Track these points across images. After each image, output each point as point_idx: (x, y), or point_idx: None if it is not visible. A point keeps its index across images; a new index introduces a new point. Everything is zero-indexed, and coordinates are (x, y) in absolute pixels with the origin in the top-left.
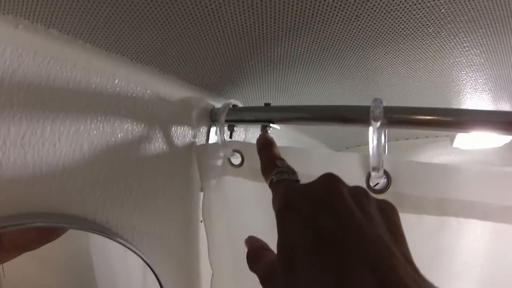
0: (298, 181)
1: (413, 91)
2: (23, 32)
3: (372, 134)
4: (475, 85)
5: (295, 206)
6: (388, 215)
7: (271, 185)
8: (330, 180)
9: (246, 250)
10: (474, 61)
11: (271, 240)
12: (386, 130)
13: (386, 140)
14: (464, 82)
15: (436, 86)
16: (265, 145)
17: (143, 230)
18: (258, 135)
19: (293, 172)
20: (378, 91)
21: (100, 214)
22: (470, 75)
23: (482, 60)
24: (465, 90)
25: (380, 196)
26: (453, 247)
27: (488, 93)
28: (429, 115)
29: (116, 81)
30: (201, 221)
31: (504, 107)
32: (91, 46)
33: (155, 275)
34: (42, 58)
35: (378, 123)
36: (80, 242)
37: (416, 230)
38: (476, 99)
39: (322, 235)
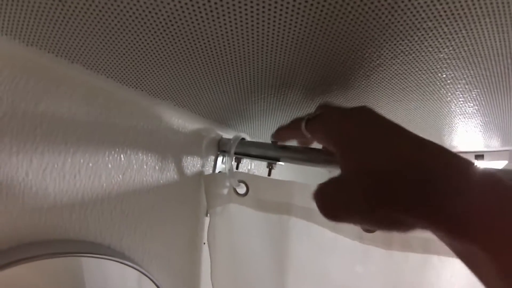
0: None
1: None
2: (47, 65)
3: None
4: (466, 128)
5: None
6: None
7: (307, 125)
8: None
9: (247, 272)
10: (467, 110)
11: (271, 264)
12: None
13: None
14: (456, 126)
15: (429, 128)
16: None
17: (152, 253)
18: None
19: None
20: None
21: (114, 240)
22: (462, 121)
23: (475, 110)
24: (457, 131)
25: (371, 235)
26: None
27: (479, 134)
28: None
29: (134, 114)
30: (204, 243)
31: (495, 143)
32: (113, 81)
33: None
34: (65, 91)
35: None
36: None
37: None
38: (468, 137)
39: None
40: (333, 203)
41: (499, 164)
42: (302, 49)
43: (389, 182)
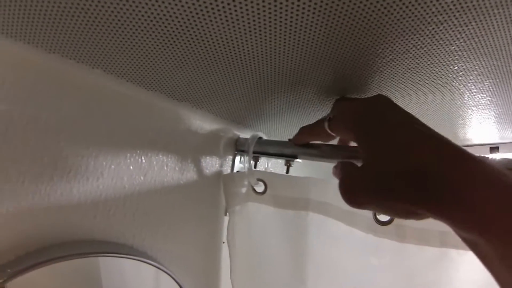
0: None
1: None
2: (68, 71)
3: None
4: (479, 120)
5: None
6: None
7: (330, 125)
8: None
9: (266, 270)
10: (480, 102)
11: (290, 261)
12: None
13: None
14: (470, 118)
15: (443, 120)
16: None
17: (174, 252)
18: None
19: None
20: None
21: (137, 240)
22: (476, 112)
23: (488, 101)
24: (471, 123)
25: (385, 228)
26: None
27: (493, 125)
28: None
29: (153, 116)
30: (224, 242)
31: (510, 134)
32: (132, 84)
33: None
34: (86, 96)
35: None
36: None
37: (417, 259)
38: (482, 129)
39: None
40: (355, 190)
41: None
42: (317, 48)
43: (408, 177)
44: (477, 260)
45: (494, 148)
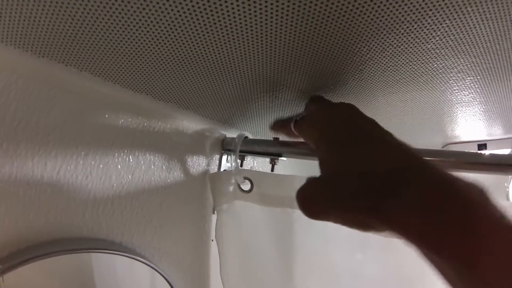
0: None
1: (408, 122)
2: (57, 74)
3: None
4: (465, 117)
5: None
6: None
7: (295, 125)
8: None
9: (255, 267)
10: (463, 99)
11: (278, 257)
12: None
13: None
14: (455, 115)
15: (429, 118)
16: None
17: (162, 250)
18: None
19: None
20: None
21: (126, 237)
22: (460, 109)
23: (471, 98)
24: (457, 120)
25: None
26: None
27: (479, 122)
28: None
29: (140, 117)
30: (212, 240)
31: (498, 131)
32: (119, 86)
33: None
34: (75, 98)
35: None
36: (82, 255)
37: (403, 253)
38: (469, 126)
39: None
40: (312, 203)
41: (502, 153)
42: (294, 50)
43: (368, 188)
44: None
45: (482, 145)
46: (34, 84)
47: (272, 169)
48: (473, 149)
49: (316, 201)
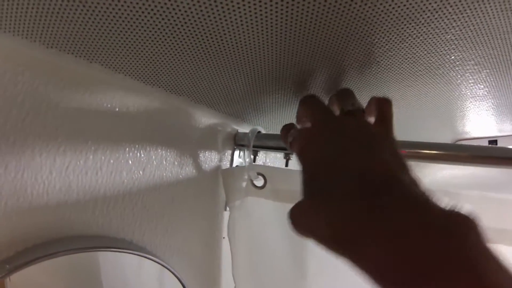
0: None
1: (420, 117)
2: (66, 65)
3: None
4: (478, 112)
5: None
6: (382, 108)
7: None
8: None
9: (268, 264)
10: (478, 93)
11: (291, 254)
12: None
13: None
14: (468, 110)
15: (441, 112)
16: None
17: (174, 247)
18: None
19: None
20: None
21: (136, 235)
22: (474, 104)
23: (485, 92)
24: (469, 115)
25: None
26: None
27: (491, 117)
28: (418, 149)
29: (152, 111)
30: (224, 238)
31: (508, 127)
32: (130, 79)
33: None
34: (84, 91)
35: None
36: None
37: None
38: (480, 122)
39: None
40: (299, 225)
41: None
42: (311, 41)
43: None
44: None
45: (492, 142)
46: (42, 76)
47: (287, 164)
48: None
49: (302, 224)
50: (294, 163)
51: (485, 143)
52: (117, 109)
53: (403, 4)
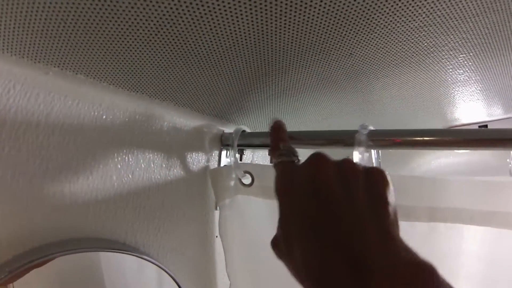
0: (293, 161)
1: (405, 106)
2: (53, 78)
3: (356, 156)
4: (463, 97)
5: (287, 191)
6: (375, 186)
7: (274, 167)
8: (317, 162)
9: (261, 260)
10: (458, 78)
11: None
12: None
13: (379, 159)
14: (452, 96)
15: (426, 100)
16: (274, 130)
17: (167, 247)
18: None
19: (291, 153)
20: (372, 108)
21: (129, 236)
22: (457, 89)
23: (466, 77)
24: (455, 102)
25: None
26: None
27: (478, 102)
28: (411, 136)
29: (137, 116)
30: (217, 236)
31: (498, 111)
32: (114, 87)
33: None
34: (72, 100)
35: (362, 148)
36: (91, 256)
37: (409, 235)
38: (468, 107)
39: (307, 221)
40: (278, 252)
41: None
42: (284, 40)
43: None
44: (465, 231)
45: (483, 127)
46: (32, 88)
47: (271, 161)
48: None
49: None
50: None
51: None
52: (104, 116)
53: None
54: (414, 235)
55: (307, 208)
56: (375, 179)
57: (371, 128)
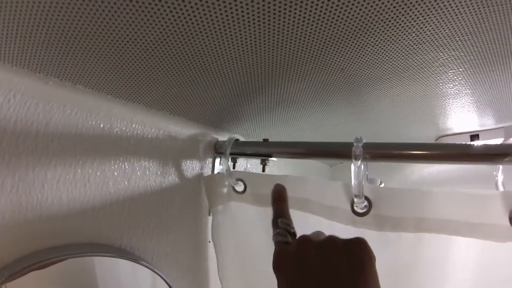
0: (287, 242)
1: (399, 117)
2: (53, 88)
3: (353, 169)
4: (454, 109)
5: (279, 269)
6: (356, 256)
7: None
8: (300, 243)
9: (252, 266)
10: (449, 91)
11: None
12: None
13: (367, 171)
14: (444, 107)
15: (418, 111)
16: (276, 199)
17: (161, 252)
18: (274, 185)
19: (287, 232)
20: (367, 119)
21: (125, 241)
22: (448, 102)
23: (456, 91)
24: (447, 113)
25: (363, 219)
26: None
27: (470, 113)
28: (404, 150)
29: (134, 125)
30: (210, 242)
31: (489, 121)
32: (112, 97)
33: None
34: (71, 110)
35: (359, 162)
36: (86, 260)
37: (396, 245)
38: (460, 118)
39: None
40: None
41: (494, 142)
42: (277, 52)
43: None
44: (452, 241)
45: (474, 136)
46: (31, 98)
47: (263, 170)
48: (466, 140)
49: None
50: (271, 168)
51: (467, 138)
52: (101, 125)
53: (354, 17)
54: (402, 244)
55: (295, 281)
56: (356, 248)
57: (365, 141)
